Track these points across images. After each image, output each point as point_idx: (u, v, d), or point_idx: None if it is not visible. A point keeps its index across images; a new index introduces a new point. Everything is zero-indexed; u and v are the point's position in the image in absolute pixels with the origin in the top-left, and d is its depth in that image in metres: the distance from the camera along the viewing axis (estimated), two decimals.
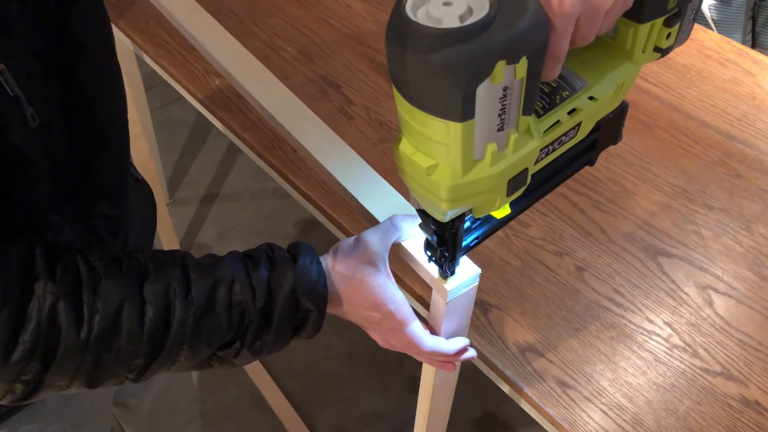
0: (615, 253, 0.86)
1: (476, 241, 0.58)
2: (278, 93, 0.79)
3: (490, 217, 0.58)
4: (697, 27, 1.21)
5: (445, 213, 0.48)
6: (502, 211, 0.55)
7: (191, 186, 2.15)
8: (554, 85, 0.48)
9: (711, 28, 1.71)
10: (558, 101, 0.47)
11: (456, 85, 0.38)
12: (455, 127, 0.40)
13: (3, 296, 0.47)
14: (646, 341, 0.78)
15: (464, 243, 0.57)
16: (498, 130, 0.42)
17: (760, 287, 0.84)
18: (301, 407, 1.65)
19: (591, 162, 0.58)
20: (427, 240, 0.57)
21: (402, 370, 1.71)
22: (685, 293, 0.83)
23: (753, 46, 1.74)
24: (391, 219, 0.62)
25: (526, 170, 0.47)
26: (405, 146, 0.45)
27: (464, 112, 0.39)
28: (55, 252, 0.51)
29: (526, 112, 0.43)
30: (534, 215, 0.90)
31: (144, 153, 1.73)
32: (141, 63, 1.27)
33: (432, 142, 0.43)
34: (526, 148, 0.45)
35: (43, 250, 0.51)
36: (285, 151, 0.97)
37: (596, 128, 0.53)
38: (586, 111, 0.48)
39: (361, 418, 1.64)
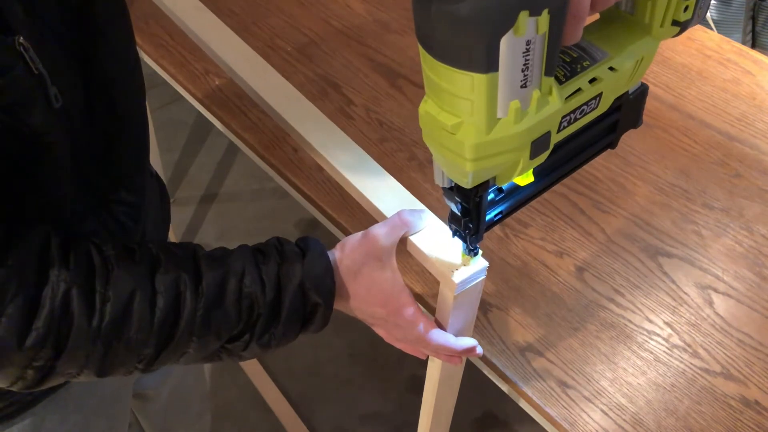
0: (615, 253, 0.86)
1: (500, 216, 0.58)
2: (282, 90, 0.79)
3: (512, 191, 0.58)
4: (697, 27, 1.21)
5: (469, 175, 0.48)
6: (524, 179, 0.55)
7: (191, 186, 2.15)
8: (575, 55, 0.49)
9: (711, 28, 1.71)
10: (579, 70, 0.48)
11: (481, 34, 0.39)
12: (480, 80, 0.41)
13: (18, 282, 0.47)
14: (646, 341, 0.78)
15: (488, 217, 0.57)
16: (521, 87, 0.43)
17: (760, 287, 0.84)
18: (301, 407, 1.64)
19: (612, 145, 0.59)
20: (451, 212, 0.57)
21: (402, 370, 1.71)
22: (685, 293, 0.83)
23: (753, 46, 1.74)
24: (398, 214, 0.62)
25: (548, 133, 0.48)
26: (430, 107, 0.46)
27: (488, 63, 0.41)
28: (69, 240, 0.52)
29: (549, 72, 0.44)
30: (534, 215, 0.90)
31: None
32: (141, 63, 1.27)
33: (457, 99, 0.44)
34: (548, 108, 0.46)
35: (57, 238, 0.51)
36: (285, 151, 0.97)
37: (617, 108, 0.54)
38: (607, 81, 0.50)
39: (361, 418, 1.64)
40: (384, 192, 0.68)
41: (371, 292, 0.60)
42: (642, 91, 0.56)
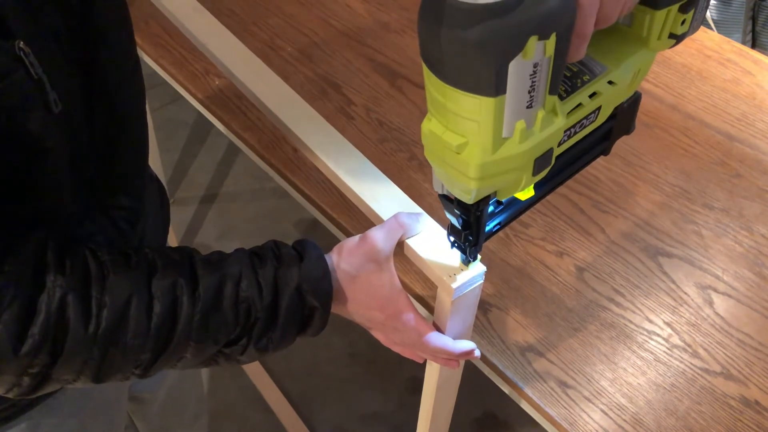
0: (615, 253, 0.86)
1: (498, 227, 0.58)
2: (280, 92, 0.79)
3: (511, 203, 0.58)
4: None
5: (472, 192, 0.48)
6: (525, 194, 0.55)
7: (191, 186, 2.15)
8: (575, 70, 0.50)
9: (711, 28, 1.71)
10: (579, 85, 0.49)
11: (490, 59, 0.39)
12: (487, 103, 0.41)
13: (15, 289, 0.47)
14: (646, 341, 0.78)
15: (487, 228, 0.57)
16: (527, 108, 0.43)
17: (760, 287, 0.84)
18: (301, 407, 1.64)
19: (606, 151, 0.60)
20: (450, 225, 0.57)
21: (402, 370, 1.71)
22: (685, 293, 0.83)
23: (753, 46, 1.74)
24: (395, 216, 0.62)
25: (551, 150, 0.48)
26: (434, 126, 0.46)
27: (497, 87, 0.41)
28: (64, 246, 0.52)
29: (553, 91, 0.44)
30: (534, 215, 0.90)
31: None
32: (141, 63, 1.27)
33: (463, 120, 0.44)
34: (552, 127, 0.46)
35: (53, 243, 0.51)
36: (285, 151, 0.97)
37: (612, 116, 0.55)
38: (606, 95, 0.50)
39: (361, 418, 1.64)
40: (382, 196, 0.68)
41: (369, 296, 0.60)
42: (635, 99, 0.56)
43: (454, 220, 0.55)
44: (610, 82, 0.50)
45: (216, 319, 0.55)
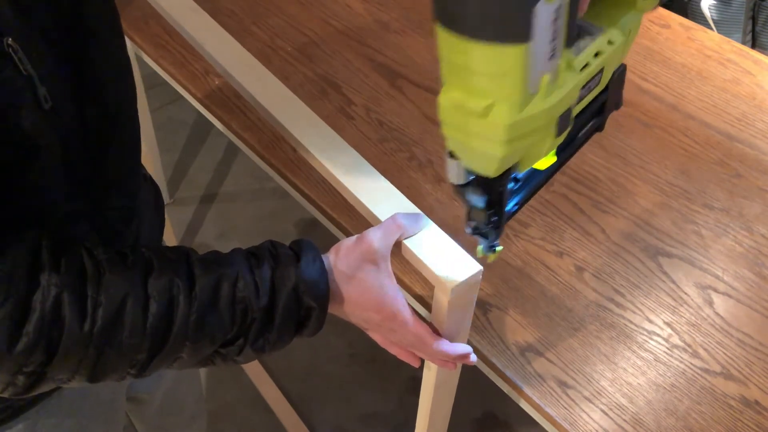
0: (615, 253, 0.86)
1: (517, 207, 0.58)
2: (278, 93, 0.79)
3: (528, 179, 0.59)
4: (697, 27, 1.21)
5: (498, 160, 0.48)
6: (545, 162, 0.56)
7: (191, 186, 2.15)
8: (575, 35, 0.51)
9: (711, 28, 1.71)
10: (582, 46, 0.50)
11: (516, 2, 0.39)
12: (514, 52, 0.41)
13: (8, 287, 0.47)
14: (646, 341, 0.78)
15: (507, 208, 0.57)
16: (549, 59, 0.43)
17: (760, 287, 0.84)
18: (301, 407, 1.64)
19: (600, 128, 0.60)
20: (470, 209, 0.56)
21: (402, 370, 1.71)
22: (685, 293, 0.83)
23: (753, 46, 1.74)
24: (393, 217, 0.62)
25: (570, 110, 0.48)
26: (454, 95, 0.45)
27: (523, 33, 0.40)
28: (60, 245, 0.51)
29: (569, 42, 0.45)
30: (534, 215, 0.90)
31: (144, 153, 1.73)
32: (141, 63, 1.27)
33: (487, 79, 0.43)
34: (570, 81, 0.47)
35: (48, 242, 0.51)
36: (285, 150, 0.97)
37: (604, 89, 0.56)
38: (607, 55, 0.51)
39: (361, 418, 1.64)
40: (381, 197, 0.68)
41: (365, 297, 0.60)
42: (622, 70, 0.57)
43: (476, 202, 0.55)
44: (609, 42, 0.51)
45: (212, 319, 0.54)
